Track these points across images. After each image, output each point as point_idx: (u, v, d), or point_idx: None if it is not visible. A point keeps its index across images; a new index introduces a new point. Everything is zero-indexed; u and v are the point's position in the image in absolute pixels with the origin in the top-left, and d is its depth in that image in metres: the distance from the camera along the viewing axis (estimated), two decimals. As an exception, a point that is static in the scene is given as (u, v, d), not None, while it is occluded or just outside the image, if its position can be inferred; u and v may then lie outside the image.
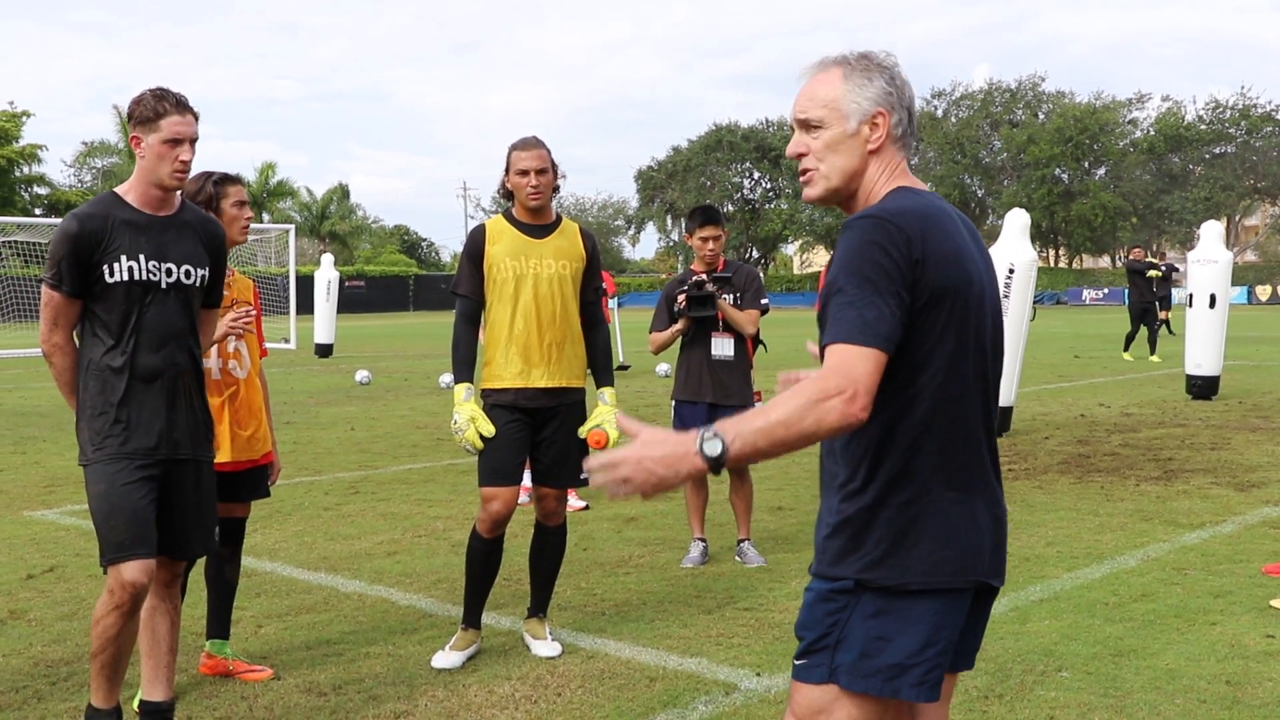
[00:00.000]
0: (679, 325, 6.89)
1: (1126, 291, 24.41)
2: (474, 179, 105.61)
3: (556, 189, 5.38)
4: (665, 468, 2.26)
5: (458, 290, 5.36)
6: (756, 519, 7.93)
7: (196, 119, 4.12)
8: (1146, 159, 75.46)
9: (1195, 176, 74.89)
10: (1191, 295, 15.80)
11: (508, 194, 5.38)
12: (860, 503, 2.47)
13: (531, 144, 5.26)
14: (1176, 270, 25.08)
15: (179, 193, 4.24)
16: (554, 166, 5.31)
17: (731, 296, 6.87)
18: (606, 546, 7.54)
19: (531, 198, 5.25)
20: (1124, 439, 11.99)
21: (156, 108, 4.03)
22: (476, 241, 5.32)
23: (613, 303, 21.95)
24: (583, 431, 5.36)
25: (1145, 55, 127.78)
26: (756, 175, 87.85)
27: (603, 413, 5.32)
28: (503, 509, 5.26)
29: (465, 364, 5.31)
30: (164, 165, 4.06)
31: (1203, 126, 75.08)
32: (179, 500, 4.18)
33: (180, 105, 4.08)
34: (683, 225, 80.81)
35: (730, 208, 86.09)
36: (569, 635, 5.62)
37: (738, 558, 7.10)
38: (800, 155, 2.60)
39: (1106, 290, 69.42)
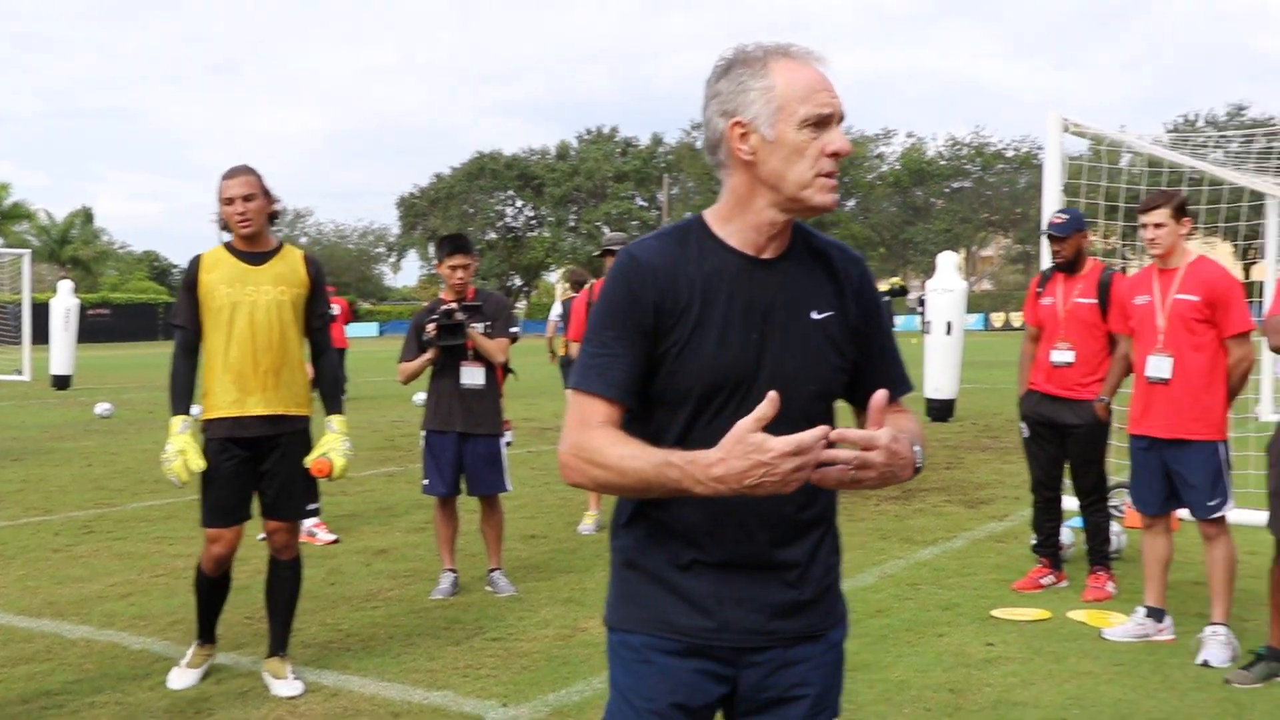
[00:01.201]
0: (428, 355, 6.82)
1: None
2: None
3: (275, 215, 5.29)
4: (902, 468, 2.08)
5: (174, 321, 5.27)
6: (509, 548, 7.91)
7: None
8: (893, 191, 79.11)
9: (937, 209, 78.98)
10: (930, 322, 16.60)
11: (225, 224, 5.27)
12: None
13: (238, 171, 5.19)
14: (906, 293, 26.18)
15: None
16: (266, 193, 5.23)
17: (482, 325, 6.84)
18: (355, 580, 7.39)
19: (241, 225, 5.16)
20: (867, 460, 12.44)
21: None
22: (191, 271, 5.22)
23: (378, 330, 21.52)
24: (308, 461, 5.25)
25: (892, 93, 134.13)
26: (519, 203, 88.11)
27: (329, 441, 5.23)
28: (224, 550, 5.22)
29: (182, 396, 5.20)
30: None
31: (943, 162, 79.33)
32: None
33: None
34: (445, 253, 79.54)
35: (493, 235, 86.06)
36: (312, 673, 5.46)
37: (488, 587, 7.05)
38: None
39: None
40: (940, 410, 16.44)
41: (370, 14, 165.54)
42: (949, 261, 17.00)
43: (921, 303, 26.13)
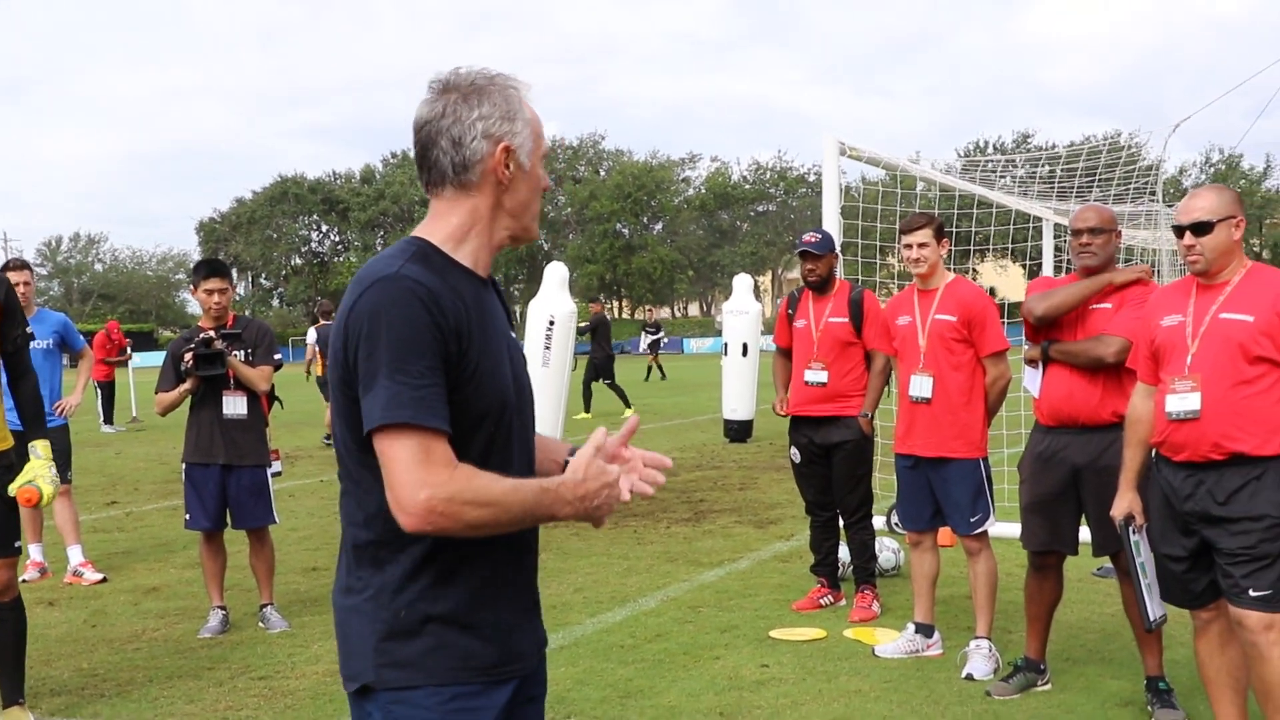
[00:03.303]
0: (187, 385, 6.54)
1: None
2: (18, 229, 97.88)
3: None
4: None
5: None
6: (288, 581, 7.65)
7: None
8: (699, 215, 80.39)
9: (742, 232, 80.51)
10: (726, 344, 16.80)
11: None
12: None
13: None
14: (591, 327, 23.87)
15: None
16: None
17: (243, 353, 6.59)
18: (120, 621, 7.03)
19: None
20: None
21: None
22: None
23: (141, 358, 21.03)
24: (13, 489, 4.89)
25: (698, 118, 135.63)
26: (325, 228, 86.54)
27: (34, 468, 4.88)
28: None
29: None
30: None
31: (747, 186, 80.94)
32: None
33: None
34: (249, 279, 76.85)
35: (298, 260, 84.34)
36: (58, 723, 5.16)
37: (261, 624, 6.78)
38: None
39: (667, 339, 73.13)
40: (738, 431, 16.63)
41: (167, 34, 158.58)
42: (744, 284, 17.25)
43: (648, 329, 26.02)
